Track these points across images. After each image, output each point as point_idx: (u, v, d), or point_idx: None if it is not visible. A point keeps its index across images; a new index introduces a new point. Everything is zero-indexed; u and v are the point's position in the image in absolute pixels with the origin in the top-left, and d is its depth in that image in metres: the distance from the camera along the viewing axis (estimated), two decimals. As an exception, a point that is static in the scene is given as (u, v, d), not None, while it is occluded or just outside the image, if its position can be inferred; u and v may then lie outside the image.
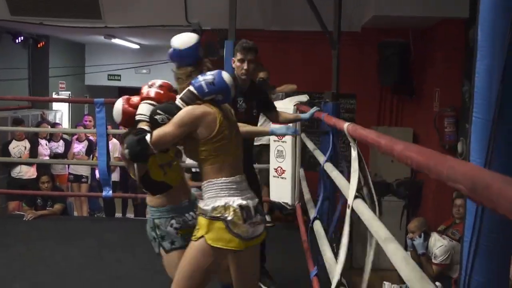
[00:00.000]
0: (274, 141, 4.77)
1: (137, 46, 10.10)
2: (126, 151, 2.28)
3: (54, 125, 8.38)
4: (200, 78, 2.28)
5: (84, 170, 7.40)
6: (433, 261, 4.69)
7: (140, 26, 7.27)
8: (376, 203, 2.04)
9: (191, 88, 2.28)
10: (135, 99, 2.48)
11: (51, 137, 7.63)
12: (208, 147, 2.27)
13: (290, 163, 4.65)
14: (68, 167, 7.56)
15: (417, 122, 7.25)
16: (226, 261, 2.44)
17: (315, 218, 2.89)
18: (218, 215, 2.24)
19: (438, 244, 4.68)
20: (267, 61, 6.28)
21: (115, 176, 7.01)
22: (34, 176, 6.83)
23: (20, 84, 8.86)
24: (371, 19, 6.46)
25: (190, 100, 2.28)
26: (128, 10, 7.20)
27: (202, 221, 2.27)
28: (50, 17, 7.20)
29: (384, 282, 3.66)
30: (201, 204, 2.31)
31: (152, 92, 2.41)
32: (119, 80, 11.13)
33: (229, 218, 2.23)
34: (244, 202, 2.28)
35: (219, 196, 2.26)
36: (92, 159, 7.10)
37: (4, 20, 7.26)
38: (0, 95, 6.65)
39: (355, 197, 2.01)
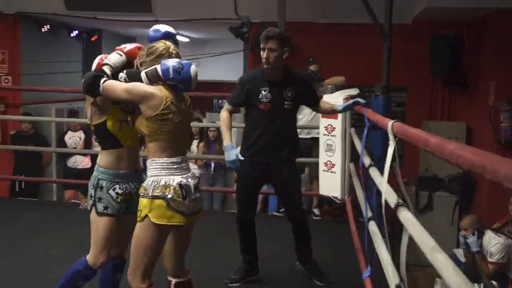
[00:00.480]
0: (324, 135, 4.75)
1: (186, 39, 10.21)
2: (83, 81, 2.51)
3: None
4: (170, 62, 2.41)
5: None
6: (489, 259, 4.57)
7: (190, 19, 7.34)
8: (409, 203, 2.01)
9: (158, 68, 2.42)
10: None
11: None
12: (150, 124, 2.42)
13: (340, 157, 4.62)
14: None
15: (470, 116, 7.06)
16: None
17: (369, 219, 2.83)
18: (159, 193, 2.38)
19: (493, 242, 4.56)
20: (315, 53, 6.24)
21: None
22: (89, 166, 7.04)
23: (75, 77, 9.13)
24: (423, 11, 6.32)
25: (153, 78, 2.43)
26: (178, 4, 7.30)
27: (144, 201, 2.42)
28: (103, 11, 7.38)
29: (436, 279, 3.59)
30: (143, 183, 2.46)
31: (128, 47, 2.63)
32: (169, 73, 11.30)
33: (169, 196, 2.38)
34: (184, 181, 2.43)
35: (160, 175, 2.42)
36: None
37: (60, 14, 7.49)
38: (57, 87, 6.90)
39: (398, 205, 1.97)
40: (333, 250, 4.25)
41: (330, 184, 4.72)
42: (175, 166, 2.44)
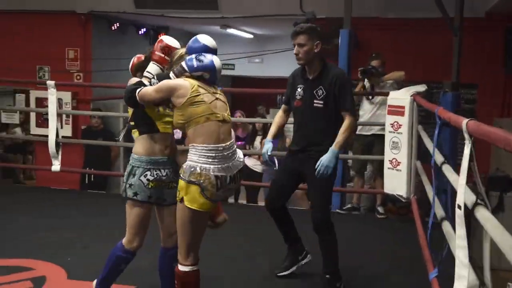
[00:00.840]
0: (390, 132, 4.64)
1: (250, 36, 10.26)
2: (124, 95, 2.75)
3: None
4: (193, 56, 2.63)
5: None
6: None
7: (255, 15, 7.38)
8: (487, 202, 1.89)
9: (183, 63, 2.64)
10: (142, 57, 3.00)
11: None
12: (184, 111, 2.56)
13: (406, 155, 4.50)
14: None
15: (546, 114, 6.70)
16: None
17: (443, 219, 2.71)
18: (194, 180, 2.50)
19: None
20: (382, 49, 6.11)
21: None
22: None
23: (142, 74, 9.39)
24: (497, 4, 6.05)
25: (179, 73, 2.64)
26: (244, 0, 7.34)
27: (181, 183, 2.54)
28: (170, 8, 7.55)
29: (509, 283, 3.43)
30: (183, 166, 2.56)
31: (158, 56, 2.81)
32: (233, 69, 11.35)
33: (204, 184, 2.50)
34: (219, 172, 2.52)
35: (197, 162, 2.52)
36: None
37: (130, 13, 7.72)
38: (124, 84, 7.08)
39: (477, 204, 1.86)
40: (398, 248, 4.19)
41: (395, 182, 4.60)
42: (214, 154, 2.53)
